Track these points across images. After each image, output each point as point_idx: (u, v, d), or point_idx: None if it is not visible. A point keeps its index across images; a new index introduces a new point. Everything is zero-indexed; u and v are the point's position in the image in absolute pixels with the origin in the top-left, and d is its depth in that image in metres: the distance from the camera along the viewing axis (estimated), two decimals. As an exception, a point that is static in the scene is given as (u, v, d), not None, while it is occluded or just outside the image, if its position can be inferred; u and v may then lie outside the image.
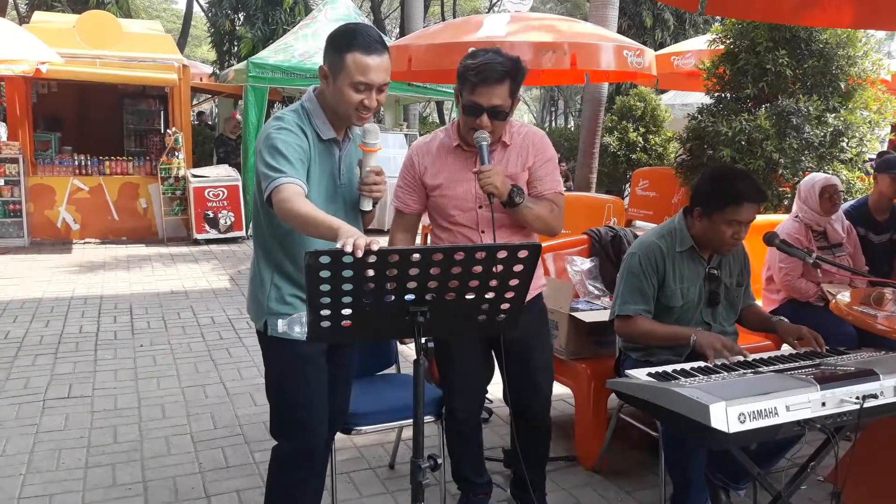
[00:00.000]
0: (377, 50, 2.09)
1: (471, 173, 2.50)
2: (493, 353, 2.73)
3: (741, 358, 2.53)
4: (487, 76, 2.38)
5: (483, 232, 2.55)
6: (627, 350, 2.99)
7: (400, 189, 2.65)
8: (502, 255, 1.73)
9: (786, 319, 2.91)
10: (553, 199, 2.58)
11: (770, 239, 2.96)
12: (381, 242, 1.65)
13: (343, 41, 2.10)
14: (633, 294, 2.81)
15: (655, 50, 9.54)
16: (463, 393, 2.73)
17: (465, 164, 2.56)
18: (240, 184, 9.84)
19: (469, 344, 2.64)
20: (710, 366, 2.44)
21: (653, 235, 2.88)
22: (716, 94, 7.27)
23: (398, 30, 23.71)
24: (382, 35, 2.46)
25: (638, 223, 9.95)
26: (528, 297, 2.64)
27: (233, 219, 9.81)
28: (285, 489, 2.38)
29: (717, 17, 10.46)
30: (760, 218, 4.50)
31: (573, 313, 3.31)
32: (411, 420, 1.87)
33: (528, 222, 2.53)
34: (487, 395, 3.31)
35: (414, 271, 1.68)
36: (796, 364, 2.39)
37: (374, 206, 2.27)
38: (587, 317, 3.31)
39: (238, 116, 11.52)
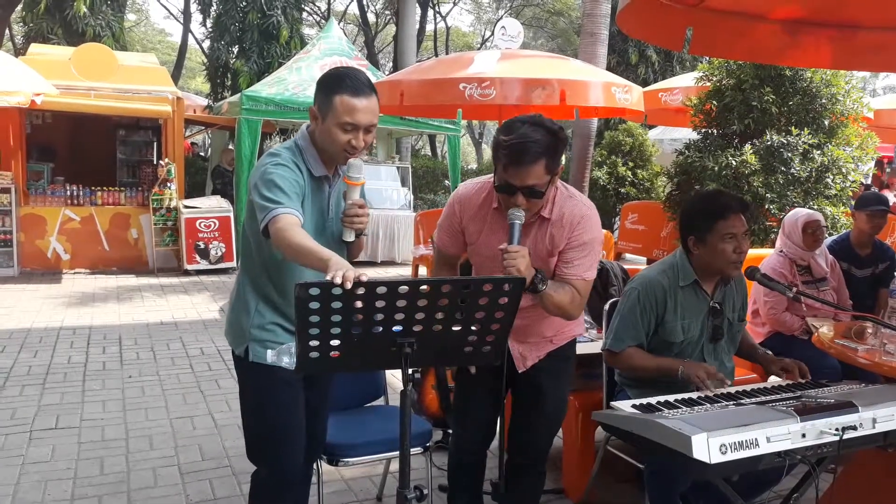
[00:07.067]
0: (364, 93, 2.17)
1: (502, 236, 2.38)
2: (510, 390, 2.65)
3: (725, 388, 2.56)
4: (520, 158, 2.21)
5: None
6: (624, 385, 2.99)
7: (442, 231, 2.59)
8: (487, 287, 1.78)
9: (770, 353, 2.95)
10: (577, 286, 2.40)
11: (751, 273, 3.01)
12: (370, 274, 1.69)
13: (332, 84, 2.18)
14: (627, 329, 2.81)
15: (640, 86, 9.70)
16: (470, 425, 2.71)
17: (500, 226, 2.42)
18: (231, 215, 9.87)
19: (483, 378, 2.54)
20: (693, 397, 2.47)
21: (654, 271, 2.88)
22: (703, 130, 7.39)
23: (391, 64, 23.99)
24: (375, 71, 2.52)
25: (627, 256, 10.03)
26: (560, 343, 2.61)
27: (224, 249, 9.82)
28: None
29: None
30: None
31: (560, 345, 3.33)
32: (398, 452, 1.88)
33: (544, 306, 2.38)
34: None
35: (402, 303, 1.72)
36: (777, 396, 2.42)
37: (356, 237, 2.27)
38: (574, 349, 3.33)
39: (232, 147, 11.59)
